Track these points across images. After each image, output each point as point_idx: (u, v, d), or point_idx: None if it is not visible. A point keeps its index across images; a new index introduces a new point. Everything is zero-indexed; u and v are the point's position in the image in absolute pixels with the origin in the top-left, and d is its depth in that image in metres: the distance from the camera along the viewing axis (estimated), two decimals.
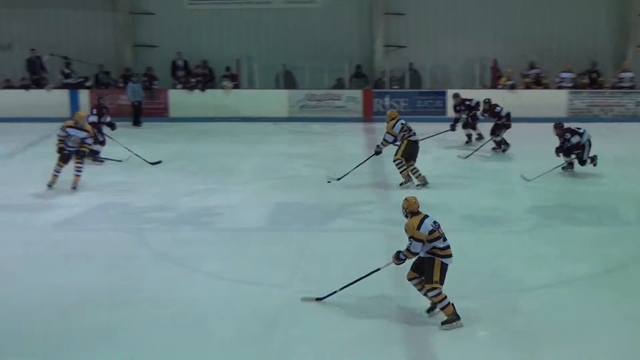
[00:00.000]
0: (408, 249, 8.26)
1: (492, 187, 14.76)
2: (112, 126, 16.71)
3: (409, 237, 8.26)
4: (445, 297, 8.24)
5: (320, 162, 14.84)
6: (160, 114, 23.46)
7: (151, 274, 10.09)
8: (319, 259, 10.61)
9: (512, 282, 9.69)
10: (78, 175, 14.13)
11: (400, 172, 14.58)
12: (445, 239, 8.27)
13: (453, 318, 8.23)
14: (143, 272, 10.12)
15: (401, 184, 14.50)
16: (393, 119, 14.60)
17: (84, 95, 23.43)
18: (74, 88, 23.55)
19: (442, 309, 8.27)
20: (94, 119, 16.21)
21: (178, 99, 23.41)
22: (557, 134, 15.68)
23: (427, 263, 8.28)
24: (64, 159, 14.10)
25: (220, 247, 11.22)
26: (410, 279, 8.55)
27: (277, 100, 23.28)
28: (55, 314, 8.74)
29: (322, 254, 10.88)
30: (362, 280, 8.80)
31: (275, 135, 20.20)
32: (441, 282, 8.24)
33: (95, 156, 16.21)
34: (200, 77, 23.81)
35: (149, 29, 25.47)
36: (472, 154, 17.18)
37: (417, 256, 8.32)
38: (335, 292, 8.87)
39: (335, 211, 13.04)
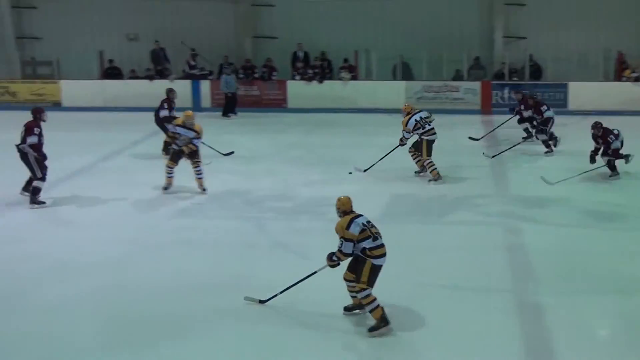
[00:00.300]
0: (340, 250, 8.06)
1: (601, 183, 14.35)
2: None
3: (340, 238, 8.06)
4: (375, 299, 8.01)
5: (436, 155, 14.69)
6: (279, 104, 23.80)
7: (268, 262, 10.32)
8: (434, 252, 10.59)
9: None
10: (200, 178, 13.59)
11: (430, 172, 14.40)
12: (376, 239, 8.05)
13: (381, 324, 7.98)
14: (261, 261, 10.37)
15: (429, 181, 14.39)
16: (408, 114, 14.47)
17: (205, 86, 24.01)
18: (195, 79, 24.13)
19: (370, 311, 8.03)
20: (165, 113, 16.41)
21: (296, 90, 23.68)
22: (595, 135, 14.39)
23: (360, 263, 8.08)
24: (174, 158, 13.59)
25: (336, 237, 11.30)
26: (346, 280, 8.36)
27: (394, 91, 23.22)
28: (178, 297, 9.06)
29: (437, 246, 10.86)
30: (302, 282, 8.64)
31: (391, 127, 20.15)
32: (369, 283, 8.01)
33: (167, 148, 16.48)
34: (318, 68, 24.02)
35: (269, 20, 25.85)
36: (500, 153, 16.51)
37: (353, 256, 8.10)
38: (276, 295, 8.69)
39: (453, 203, 13.00)
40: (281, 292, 8.70)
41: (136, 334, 8.15)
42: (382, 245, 8.09)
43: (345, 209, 8.23)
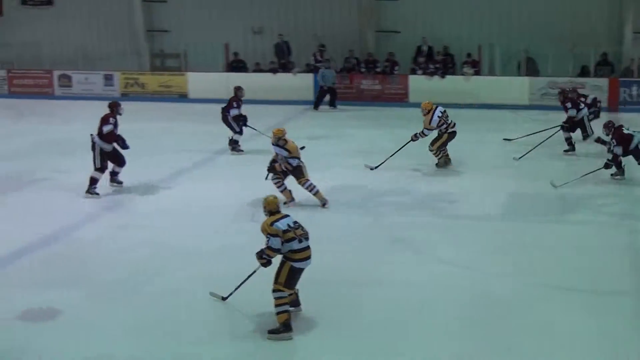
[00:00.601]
0: (268, 246, 7.95)
1: None
2: (244, 119, 16.72)
3: (266, 235, 7.96)
4: (286, 303, 7.94)
5: (554, 152, 14.46)
6: (400, 99, 23.76)
7: (384, 256, 10.37)
8: (551, 251, 10.43)
9: None
10: (315, 193, 12.62)
11: (438, 158, 14.98)
12: (301, 241, 7.94)
13: (282, 329, 7.88)
14: (376, 255, 10.43)
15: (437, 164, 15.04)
16: (429, 111, 14.53)
17: None
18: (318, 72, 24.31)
19: (276, 314, 7.91)
20: (236, 112, 16.44)
21: (418, 84, 23.57)
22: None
23: (280, 264, 8.02)
24: (281, 175, 12.68)
25: (453, 233, 11.31)
26: None
27: (517, 87, 22.86)
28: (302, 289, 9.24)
29: (555, 246, 10.69)
30: (246, 282, 8.60)
31: (513, 124, 19.89)
32: (287, 285, 7.95)
33: (234, 146, 16.66)
34: (440, 63, 23.87)
35: (393, 14, 25.82)
36: (526, 154, 15.83)
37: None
38: (235, 289, 8.69)
39: (574, 203, 12.75)
40: (235, 290, 8.69)
41: (255, 323, 8.31)
42: (306, 248, 8.03)
43: (270, 208, 8.14)
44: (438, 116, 14.59)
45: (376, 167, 14.90)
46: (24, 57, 27.26)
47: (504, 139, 17.36)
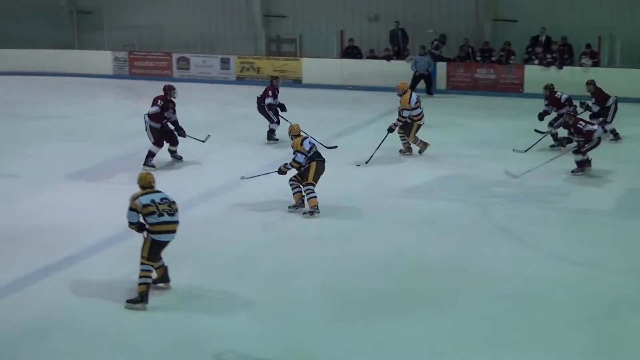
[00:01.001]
0: (128, 221, 8.47)
1: None
2: (282, 107, 16.51)
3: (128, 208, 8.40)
4: (149, 277, 8.33)
5: None
6: (516, 89, 23.35)
7: (491, 248, 10.28)
8: None
9: None
10: (310, 199, 11.58)
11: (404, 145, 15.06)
12: (161, 215, 8.31)
13: (139, 299, 8.23)
14: (483, 246, 10.35)
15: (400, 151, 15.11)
16: (406, 91, 14.51)
17: (441, 69, 24.01)
18: (437, 60, 24.12)
19: (139, 284, 8.27)
20: (270, 100, 16.29)
21: (534, 75, 23.06)
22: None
23: (144, 238, 8.44)
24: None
25: (563, 227, 11.12)
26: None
27: (638, 80, 22.13)
28: (400, 274, 9.30)
29: None
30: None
31: (630, 117, 19.30)
32: (149, 258, 8.33)
33: (270, 135, 16.52)
34: (557, 53, 23.33)
35: (510, 2, 25.29)
36: (529, 148, 15.28)
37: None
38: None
39: None
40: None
41: (360, 308, 8.39)
42: (167, 223, 8.39)
43: (142, 184, 8.60)
44: (417, 98, 14.76)
45: (366, 163, 14.49)
46: (145, 39, 28.07)
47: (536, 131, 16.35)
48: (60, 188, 13.05)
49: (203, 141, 14.87)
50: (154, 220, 8.35)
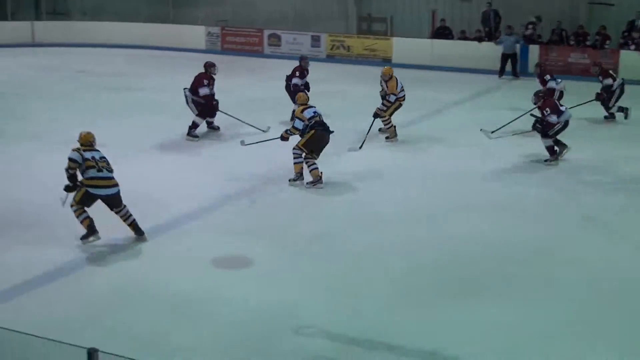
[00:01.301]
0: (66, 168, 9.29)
1: None
2: (307, 87, 16.05)
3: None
4: (83, 213, 9.25)
5: None
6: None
7: (574, 235, 10.17)
8: None
9: None
10: (311, 171, 11.98)
11: (388, 129, 14.94)
12: (101, 171, 9.19)
13: (89, 232, 9.26)
14: (567, 233, 10.24)
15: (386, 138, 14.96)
16: (391, 77, 14.48)
17: (534, 51, 23.60)
18: (528, 43, 23.76)
19: (80, 222, 9.26)
20: (297, 81, 15.97)
21: (630, 60, 22.49)
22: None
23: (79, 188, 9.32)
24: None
25: None
26: None
27: None
28: (479, 258, 9.29)
29: None
30: None
31: None
32: (81, 202, 9.23)
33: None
34: None
35: None
36: (499, 129, 14.95)
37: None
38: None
39: None
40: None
41: (431, 289, 8.44)
42: (103, 179, 9.26)
43: (82, 142, 9.37)
44: (401, 83, 14.77)
45: (360, 147, 14.23)
46: (238, 15, 28.39)
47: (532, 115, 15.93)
48: (142, 159, 13.37)
49: (264, 131, 14.98)
50: (91, 174, 9.21)
